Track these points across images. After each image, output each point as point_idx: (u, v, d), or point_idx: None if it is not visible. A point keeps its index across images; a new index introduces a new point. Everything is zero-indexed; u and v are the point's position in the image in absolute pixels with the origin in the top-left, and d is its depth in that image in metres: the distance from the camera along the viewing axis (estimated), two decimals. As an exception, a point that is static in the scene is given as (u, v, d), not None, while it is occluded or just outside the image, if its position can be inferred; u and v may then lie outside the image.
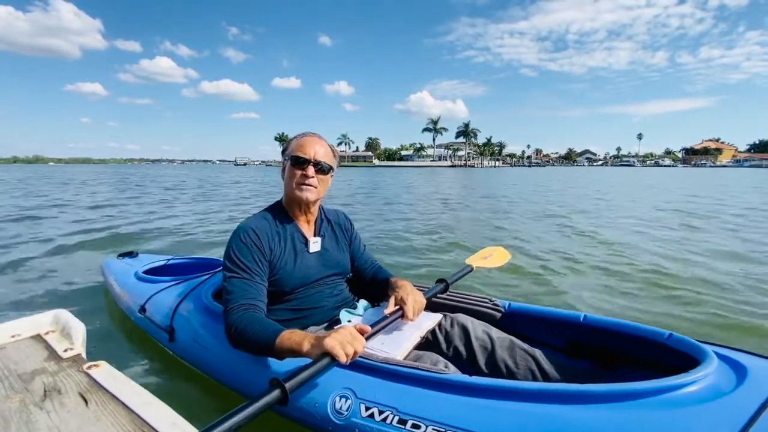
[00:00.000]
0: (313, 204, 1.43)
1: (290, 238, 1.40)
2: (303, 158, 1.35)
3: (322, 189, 1.42)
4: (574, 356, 1.40)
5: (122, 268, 2.38)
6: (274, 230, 1.38)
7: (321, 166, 1.37)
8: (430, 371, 1.06)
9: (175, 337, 1.60)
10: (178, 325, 1.62)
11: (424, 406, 0.99)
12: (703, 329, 2.33)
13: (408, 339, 1.28)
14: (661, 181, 22.71)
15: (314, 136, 1.43)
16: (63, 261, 3.88)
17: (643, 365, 1.27)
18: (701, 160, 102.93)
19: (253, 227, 1.34)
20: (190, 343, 1.54)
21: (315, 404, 1.09)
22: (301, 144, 1.38)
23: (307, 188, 1.36)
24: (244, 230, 1.33)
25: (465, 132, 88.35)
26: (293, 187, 1.37)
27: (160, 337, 1.72)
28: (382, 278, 1.56)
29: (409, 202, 10.16)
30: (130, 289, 2.10)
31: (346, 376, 1.12)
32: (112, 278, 2.34)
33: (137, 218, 6.90)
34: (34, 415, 0.84)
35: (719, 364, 0.99)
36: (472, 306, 1.56)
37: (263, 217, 1.41)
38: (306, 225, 1.47)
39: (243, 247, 1.30)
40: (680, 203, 9.74)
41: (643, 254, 4.17)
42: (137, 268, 2.27)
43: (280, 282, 1.35)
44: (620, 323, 1.31)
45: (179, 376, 1.64)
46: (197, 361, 1.52)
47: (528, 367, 1.24)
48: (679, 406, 0.87)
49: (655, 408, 0.86)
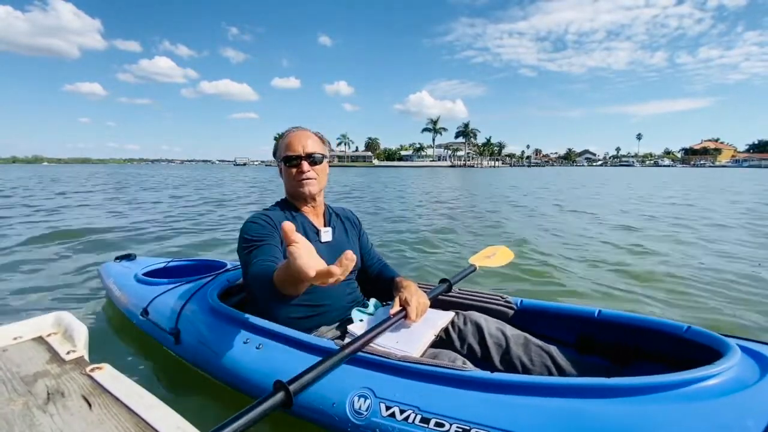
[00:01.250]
0: (317, 196, 1.45)
1: (301, 227, 1.41)
2: (294, 155, 1.37)
3: (322, 179, 1.44)
4: (587, 352, 1.39)
5: (121, 271, 2.34)
6: (284, 218, 1.39)
7: (313, 158, 1.38)
8: (451, 368, 1.05)
9: (180, 340, 1.58)
10: (184, 328, 1.59)
11: (446, 404, 0.98)
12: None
13: (423, 337, 1.27)
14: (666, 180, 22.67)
15: (299, 130, 1.43)
16: (57, 263, 3.86)
17: (660, 360, 1.26)
18: (700, 161, 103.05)
19: (264, 214, 1.37)
20: (196, 345, 1.52)
21: (333, 404, 1.08)
22: (288, 142, 1.39)
23: (307, 182, 1.39)
24: (254, 216, 1.36)
25: (464, 132, 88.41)
26: (294, 185, 1.40)
27: (164, 341, 1.70)
28: (388, 276, 1.56)
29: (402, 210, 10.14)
30: (130, 292, 2.06)
31: (363, 376, 1.10)
32: (110, 281, 2.30)
33: (130, 221, 6.88)
34: (38, 418, 0.84)
35: (742, 356, 0.98)
36: (484, 303, 1.56)
37: (272, 209, 1.44)
38: (315, 217, 1.49)
39: (256, 226, 1.31)
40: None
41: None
42: (136, 270, 2.23)
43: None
44: (636, 317, 1.30)
45: (182, 379, 1.63)
46: (204, 364, 1.49)
47: (543, 363, 1.24)
48: (702, 399, 0.85)
49: (678, 401, 0.86)
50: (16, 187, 10.41)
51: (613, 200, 10.63)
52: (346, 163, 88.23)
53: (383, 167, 75.25)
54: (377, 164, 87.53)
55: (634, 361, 1.31)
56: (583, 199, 10.93)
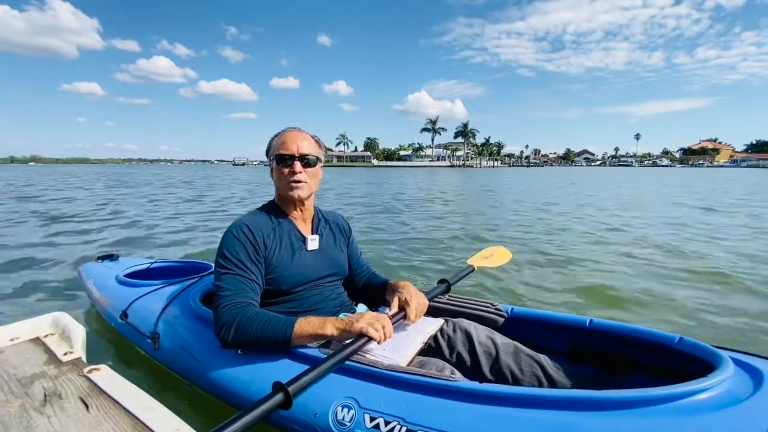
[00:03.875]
0: (306, 200, 1.39)
1: (287, 235, 1.36)
2: (287, 155, 1.31)
3: (314, 183, 1.38)
4: (578, 361, 1.38)
5: (101, 271, 2.26)
6: (269, 227, 1.34)
7: (307, 160, 1.33)
8: (438, 378, 1.01)
9: (159, 345, 1.51)
10: (163, 332, 1.53)
11: (432, 416, 0.94)
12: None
13: (411, 345, 1.24)
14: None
15: (294, 130, 1.38)
16: (56, 264, 3.85)
17: (652, 370, 1.25)
18: (698, 161, 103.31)
19: (247, 223, 1.30)
20: (176, 350, 1.45)
21: (315, 415, 1.03)
22: (283, 141, 1.34)
23: (297, 185, 1.33)
24: (237, 227, 1.29)
25: (463, 132, 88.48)
26: (284, 186, 1.34)
27: (143, 345, 1.63)
28: (378, 283, 1.53)
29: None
30: (110, 293, 1.98)
31: (348, 385, 1.06)
32: (90, 282, 2.21)
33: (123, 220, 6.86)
34: (35, 420, 0.83)
35: (735, 370, 0.96)
36: (474, 311, 1.53)
37: (257, 214, 1.37)
38: (302, 223, 1.43)
39: (237, 243, 1.26)
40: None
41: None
42: (118, 271, 2.15)
43: (278, 281, 1.30)
44: (628, 327, 1.29)
45: (181, 381, 1.61)
46: (184, 370, 1.42)
47: (534, 373, 1.21)
48: (694, 413, 0.84)
49: (670, 415, 0.84)
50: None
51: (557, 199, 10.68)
52: (345, 163, 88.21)
53: (382, 167, 75.24)
54: (376, 164, 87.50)
55: (625, 371, 1.30)
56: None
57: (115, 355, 1.93)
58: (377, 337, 1.10)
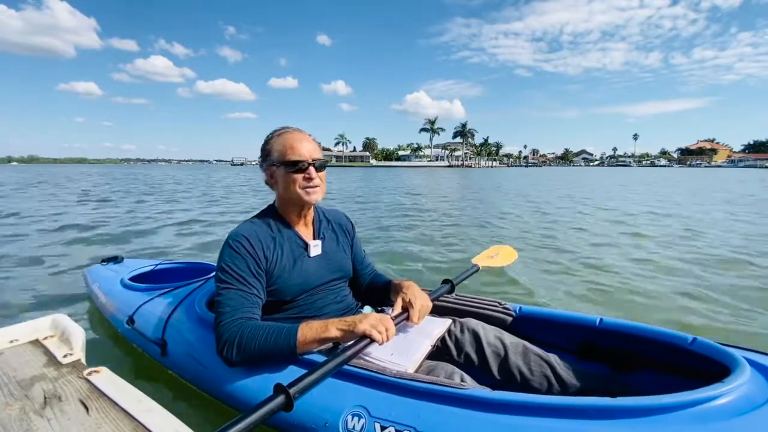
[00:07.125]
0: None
1: (288, 243, 1.32)
2: (302, 161, 1.26)
3: (324, 185, 1.35)
4: (586, 359, 1.36)
5: (106, 274, 2.24)
6: (268, 236, 1.30)
7: (320, 165, 1.30)
8: (449, 386, 1.00)
9: (167, 351, 1.50)
10: (171, 338, 1.51)
11: (444, 424, 0.93)
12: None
13: (419, 349, 1.23)
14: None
15: (296, 131, 1.33)
16: (54, 264, 3.84)
17: (663, 369, 1.23)
18: (696, 161, 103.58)
19: (245, 234, 1.25)
20: (183, 357, 1.44)
21: (325, 424, 1.02)
22: (290, 146, 1.27)
23: (314, 191, 1.29)
24: (235, 238, 1.24)
25: (462, 132, 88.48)
26: (298, 192, 1.28)
27: (151, 351, 1.63)
28: (382, 283, 1.51)
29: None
30: (116, 298, 1.96)
31: (357, 393, 1.05)
32: (95, 286, 2.19)
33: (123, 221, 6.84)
34: (35, 423, 0.83)
35: (752, 372, 0.94)
36: (482, 310, 1.51)
37: (256, 223, 1.32)
38: (304, 228, 1.39)
39: (236, 256, 1.22)
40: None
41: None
42: (123, 274, 2.13)
43: (280, 291, 1.28)
44: (639, 327, 1.27)
45: (180, 384, 1.60)
46: (192, 377, 1.41)
47: (543, 373, 1.20)
48: (713, 420, 0.82)
49: (687, 422, 0.83)
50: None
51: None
52: (343, 163, 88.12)
53: (381, 167, 75.20)
54: (375, 164, 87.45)
55: (637, 370, 1.28)
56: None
57: (117, 357, 1.92)
58: (380, 340, 1.10)
